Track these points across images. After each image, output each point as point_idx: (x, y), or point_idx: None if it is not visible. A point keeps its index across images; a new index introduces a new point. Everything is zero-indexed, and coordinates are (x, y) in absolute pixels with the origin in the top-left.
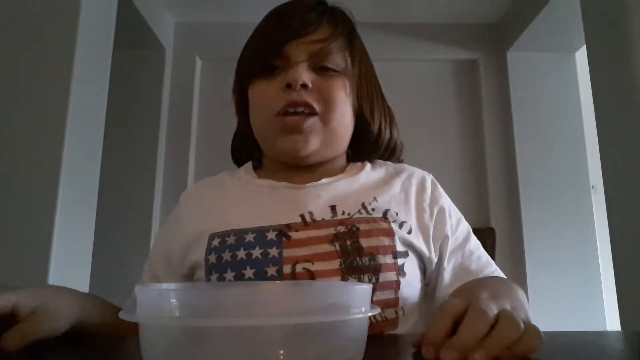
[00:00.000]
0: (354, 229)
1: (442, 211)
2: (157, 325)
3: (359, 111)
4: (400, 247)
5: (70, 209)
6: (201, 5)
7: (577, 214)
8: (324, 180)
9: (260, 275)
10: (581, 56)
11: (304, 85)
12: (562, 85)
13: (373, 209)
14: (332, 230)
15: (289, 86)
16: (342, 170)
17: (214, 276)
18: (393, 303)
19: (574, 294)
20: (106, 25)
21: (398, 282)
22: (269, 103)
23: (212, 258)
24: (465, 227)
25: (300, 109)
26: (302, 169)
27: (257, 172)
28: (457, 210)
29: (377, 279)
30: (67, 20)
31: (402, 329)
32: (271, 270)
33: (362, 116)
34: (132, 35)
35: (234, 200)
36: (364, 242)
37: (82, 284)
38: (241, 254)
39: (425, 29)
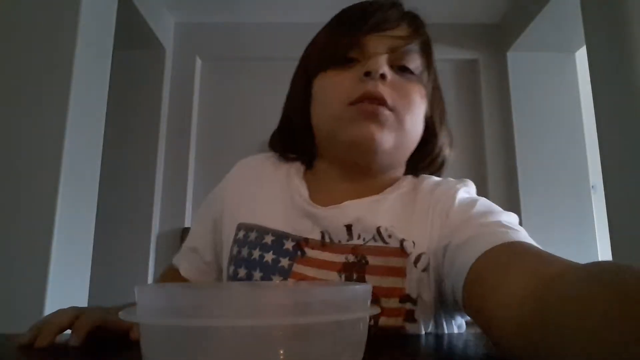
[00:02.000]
0: (363, 261)
1: (466, 207)
2: (157, 325)
3: (427, 125)
4: (411, 290)
5: (70, 209)
6: (201, 5)
7: (577, 214)
8: (346, 203)
9: (266, 281)
10: (581, 56)
11: (383, 76)
12: (562, 85)
13: (389, 236)
14: (343, 258)
15: (367, 74)
16: (392, 183)
17: (231, 269)
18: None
19: None
20: (106, 25)
21: (403, 328)
22: (343, 92)
23: (234, 250)
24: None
25: (376, 102)
26: (355, 178)
27: (305, 173)
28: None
29: (376, 322)
30: (67, 20)
31: None
32: (276, 279)
33: (429, 129)
34: (132, 35)
35: (269, 194)
36: (369, 280)
37: (82, 284)
38: (256, 254)
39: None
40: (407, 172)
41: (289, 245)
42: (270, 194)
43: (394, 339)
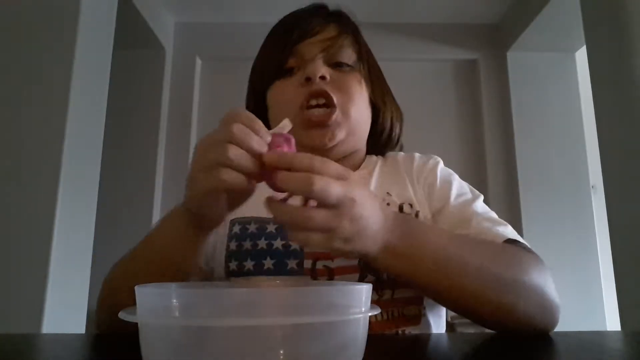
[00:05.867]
0: None
1: (447, 186)
2: (157, 325)
3: (373, 105)
4: None
5: (70, 208)
6: (201, 5)
7: (577, 214)
8: None
9: (280, 267)
10: (581, 56)
11: (323, 77)
12: (562, 85)
13: (388, 204)
14: None
15: (308, 79)
16: (359, 164)
17: (234, 264)
18: (415, 301)
19: (574, 294)
20: (106, 25)
21: None
22: (290, 99)
23: (233, 245)
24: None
25: (322, 101)
26: None
27: None
28: (465, 185)
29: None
30: (67, 20)
31: (424, 327)
32: (291, 263)
33: (376, 110)
34: (132, 35)
35: (258, 186)
36: None
37: (82, 284)
38: (262, 243)
39: (425, 29)
40: (369, 153)
41: None
42: (259, 188)
43: (394, 339)
